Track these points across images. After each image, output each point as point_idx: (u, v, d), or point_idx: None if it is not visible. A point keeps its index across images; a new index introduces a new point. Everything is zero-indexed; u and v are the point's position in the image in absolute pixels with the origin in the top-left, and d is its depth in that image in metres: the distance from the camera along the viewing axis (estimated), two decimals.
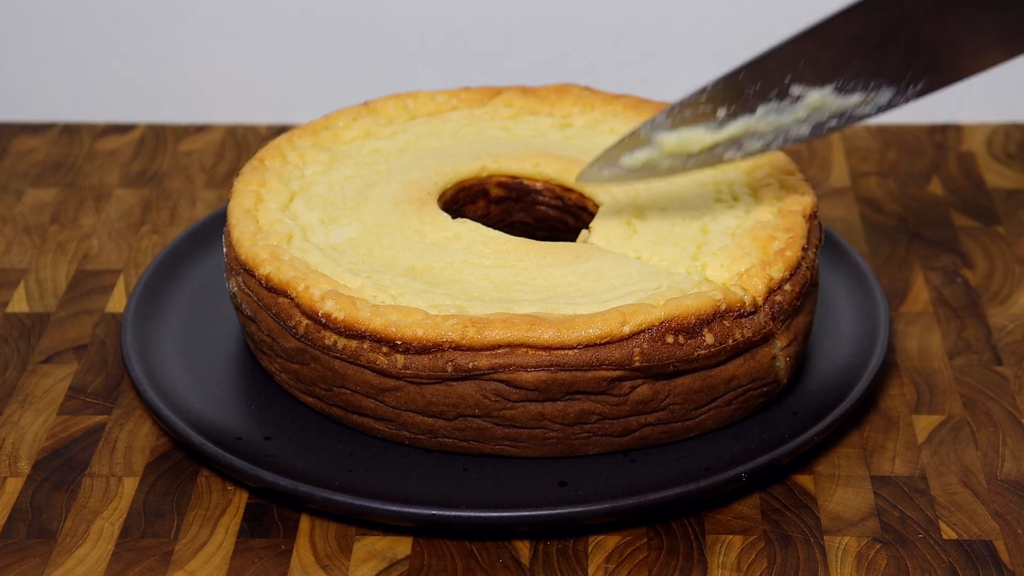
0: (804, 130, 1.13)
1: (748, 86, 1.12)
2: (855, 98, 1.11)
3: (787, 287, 1.12)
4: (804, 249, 1.14)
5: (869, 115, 1.12)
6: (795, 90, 1.11)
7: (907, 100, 1.11)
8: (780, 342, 1.11)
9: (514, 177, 1.25)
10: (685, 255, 1.14)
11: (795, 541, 1.06)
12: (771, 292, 1.11)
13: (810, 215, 1.17)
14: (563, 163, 1.24)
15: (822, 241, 1.18)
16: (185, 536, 1.07)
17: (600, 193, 1.21)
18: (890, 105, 1.12)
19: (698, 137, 1.14)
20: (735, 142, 1.14)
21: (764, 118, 1.12)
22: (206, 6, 1.56)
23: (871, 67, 1.10)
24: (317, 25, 1.57)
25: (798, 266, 1.13)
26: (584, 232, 1.19)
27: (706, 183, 1.22)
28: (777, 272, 1.12)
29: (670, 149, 1.15)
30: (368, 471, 1.09)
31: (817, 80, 1.11)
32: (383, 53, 1.58)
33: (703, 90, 1.13)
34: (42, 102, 1.58)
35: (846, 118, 1.12)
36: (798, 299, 1.12)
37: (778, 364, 1.12)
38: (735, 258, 1.13)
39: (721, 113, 1.13)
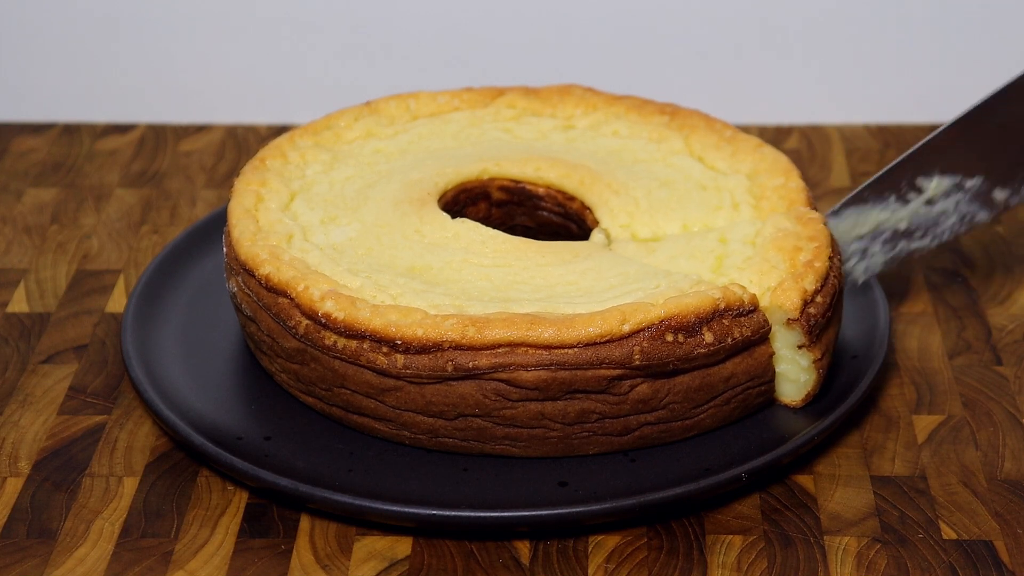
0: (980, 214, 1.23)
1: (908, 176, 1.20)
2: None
3: (819, 299, 1.11)
4: (831, 258, 1.14)
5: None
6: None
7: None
8: (813, 355, 1.11)
9: (516, 181, 1.24)
10: (705, 267, 1.14)
11: (795, 541, 1.06)
12: (805, 304, 1.10)
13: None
14: (564, 168, 1.24)
15: None
16: (185, 536, 1.07)
17: (600, 208, 1.21)
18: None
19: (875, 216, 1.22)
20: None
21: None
22: (206, 6, 1.56)
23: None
24: (318, 25, 1.57)
25: (827, 277, 1.13)
26: (602, 237, 1.18)
27: (707, 187, 1.22)
28: (810, 284, 1.11)
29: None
30: (368, 471, 1.09)
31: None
32: (385, 53, 1.58)
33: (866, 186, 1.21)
34: (42, 102, 1.58)
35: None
36: (829, 310, 1.12)
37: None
38: (763, 272, 1.12)
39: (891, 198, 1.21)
